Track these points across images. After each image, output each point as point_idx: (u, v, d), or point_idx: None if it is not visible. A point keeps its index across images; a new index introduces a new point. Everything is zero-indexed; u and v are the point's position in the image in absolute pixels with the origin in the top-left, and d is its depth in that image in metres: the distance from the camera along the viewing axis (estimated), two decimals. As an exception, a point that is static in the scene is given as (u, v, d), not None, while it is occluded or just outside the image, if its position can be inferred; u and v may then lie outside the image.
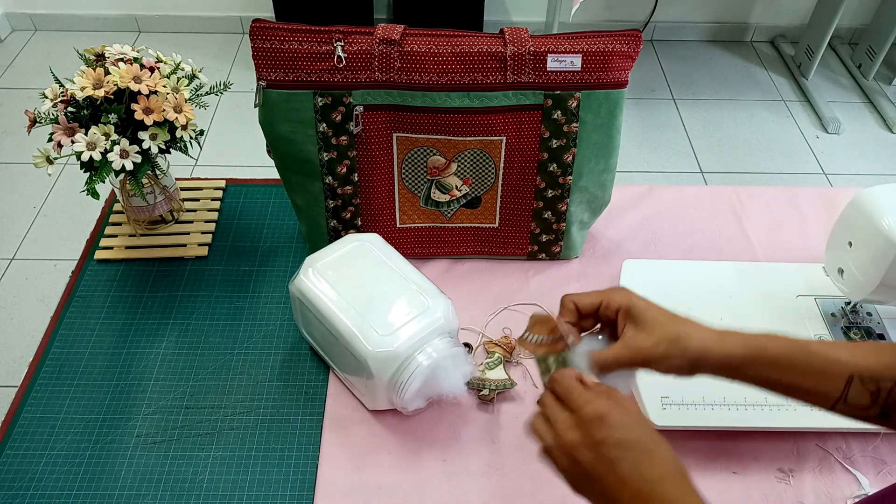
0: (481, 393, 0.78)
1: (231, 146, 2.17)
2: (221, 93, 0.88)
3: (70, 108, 0.79)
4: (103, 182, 0.78)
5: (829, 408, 0.54)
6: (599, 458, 0.48)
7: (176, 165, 0.94)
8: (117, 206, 0.98)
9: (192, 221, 0.97)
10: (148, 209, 0.92)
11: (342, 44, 0.75)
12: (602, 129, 0.81)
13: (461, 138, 0.81)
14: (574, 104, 0.79)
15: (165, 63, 0.83)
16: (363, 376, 0.71)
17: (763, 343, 0.54)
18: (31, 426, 0.76)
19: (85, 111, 0.78)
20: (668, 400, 0.74)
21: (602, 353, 0.56)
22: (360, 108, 0.78)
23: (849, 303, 0.85)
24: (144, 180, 0.86)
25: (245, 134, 2.20)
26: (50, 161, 0.78)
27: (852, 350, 0.54)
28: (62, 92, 0.79)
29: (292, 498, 0.71)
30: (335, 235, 0.88)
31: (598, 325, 0.60)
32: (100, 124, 0.77)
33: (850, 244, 0.80)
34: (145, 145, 0.79)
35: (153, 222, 0.95)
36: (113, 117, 0.77)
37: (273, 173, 0.91)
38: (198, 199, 1.00)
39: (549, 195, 0.86)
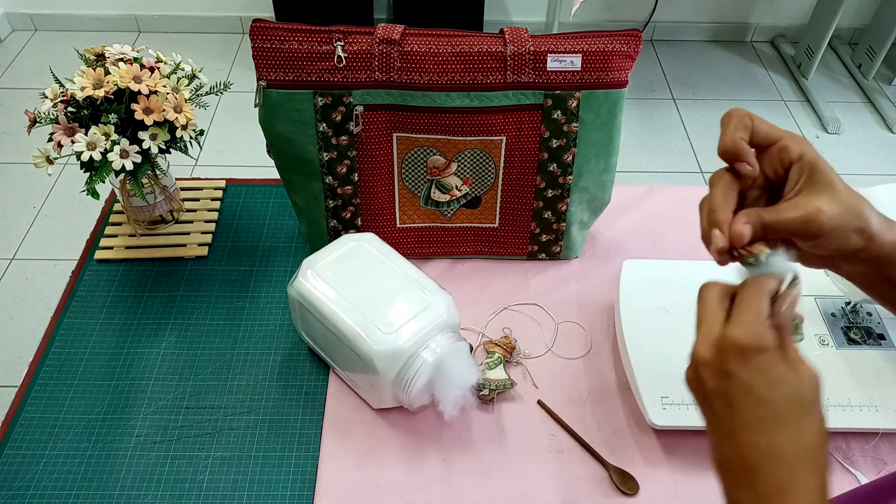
0: (481, 393, 0.78)
1: (231, 146, 2.17)
2: (221, 93, 0.88)
3: (70, 108, 0.79)
4: (103, 182, 0.78)
5: None
6: (723, 393, 0.42)
7: (176, 165, 0.94)
8: (117, 206, 0.98)
9: (192, 221, 0.97)
10: (148, 209, 0.92)
11: (342, 44, 0.75)
12: (602, 128, 0.81)
13: (461, 138, 0.81)
14: (574, 104, 0.79)
15: (165, 63, 0.83)
16: (368, 375, 0.71)
17: None
18: (31, 426, 0.76)
19: (85, 111, 0.78)
20: (668, 400, 0.74)
21: (769, 212, 0.45)
22: (360, 108, 0.78)
23: (849, 303, 0.85)
24: (144, 180, 0.86)
25: (245, 134, 2.21)
26: (50, 161, 0.78)
27: None
28: (62, 92, 0.79)
29: (292, 498, 0.71)
30: (335, 235, 0.88)
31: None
32: (100, 124, 0.77)
33: (850, 244, 0.80)
34: (145, 145, 0.79)
35: (153, 222, 0.95)
36: (113, 117, 0.77)
37: (273, 173, 0.91)
38: (198, 199, 1.00)
39: (549, 195, 0.86)
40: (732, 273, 0.47)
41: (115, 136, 0.77)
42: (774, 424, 0.41)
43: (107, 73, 0.78)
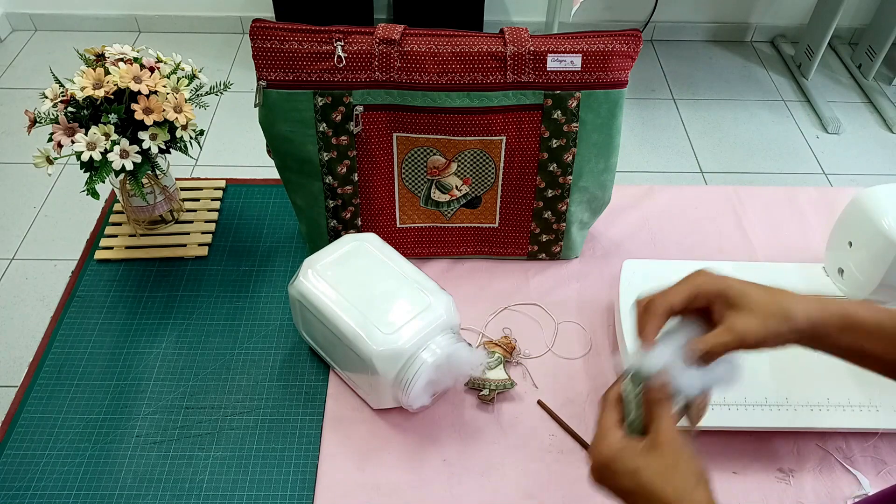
0: (481, 393, 0.78)
1: (231, 146, 2.17)
2: (221, 93, 0.88)
3: (70, 108, 0.79)
4: (103, 182, 0.78)
5: None
6: (619, 496, 0.50)
7: (176, 165, 0.94)
8: (117, 206, 0.98)
9: (192, 221, 0.97)
10: (148, 209, 0.92)
11: (342, 44, 0.75)
12: (602, 128, 0.81)
13: (461, 138, 0.81)
14: (574, 104, 0.79)
15: (165, 63, 0.83)
16: (368, 375, 0.71)
17: (856, 308, 0.53)
18: (31, 426, 0.76)
19: (85, 111, 0.78)
20: (668, 400, 0.74)
21: (706, 341, 0.53)
22: (360, 108, 0.78)
23: (849, 303, 0.85)
24: (144, 180, 0.86)
25: (245, 134, 2.21)
26: (50, 161, 0.78)
27: None
28: (62, 92, 0.79)
29: (292, 498, 0.71)
30: (335, 235, 0.88)
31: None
32: (100, 124, 0.77)
33: (850, 244, 0.80)
34: (145, 145, 0.79)
35: (153, 222, 0.95)
36: (113, 117, 0.77)
37: (273, 173, 0.91)
38: (198, 199, 1.00)
39: (549, 195, 0.86)
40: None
41: (115, 136, 0.77)
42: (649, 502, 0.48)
43: (107, 73, 0.78)
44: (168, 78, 0.81)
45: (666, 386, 0.52)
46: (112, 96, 0.78)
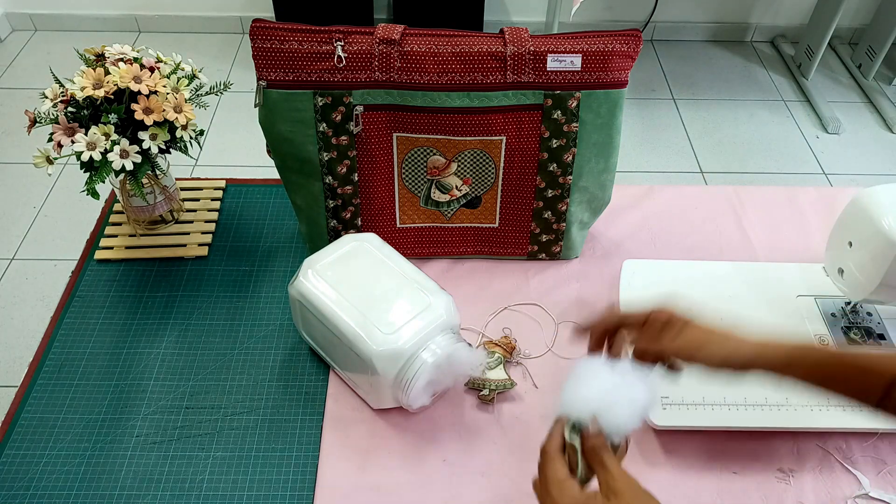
0: (481, 393, 0.78)
1: (231, 146, 2.17)
2: (221, 93, 0.88)
3: (70, 108, 0.79)
4: (103, 182, 0.78)
5: (874, 407, 0.55)
6: None
7: (176, 165, 0.94)
8: (117, 206, 0.98)
9: (192, 221, 0.97)
10: (148, 209, 0.92)
11: (342, 44, 0.75)
12: (602, 128, 0.81)
13: (461, 138, 0.81)
14: (574, 104, 0.79)
15: (165, 63, 0.83)
16: (368, 375, 0.71)
17: (804, 352, 0.56)
18: (31, 426, 0.76)
19: (85, 111, 0.78)
20: (667, 400, 0.74)
21: (647, 340, 0.59)
22: (360, 108, 0.78)
23: (849, 303, 0.85)
24: (144, 180, 0.86)
25: (245, 134, 2.21)
26: (50, 161, 0.78)
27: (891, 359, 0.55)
28: (62, 92, 0.79)
29: (292, 498, 0.71)
30: (335, 235, 0.88)
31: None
32: (100, 124, 0.77)
33: (850, 244, 0.80)
34: (145, 145, 0.79)
35: (153, 222, 0.95)
36: (113, 117, 0.77)
37: (273, 173, 0.91)
38: (198, 199, 1.00)
39: (549, 195, 0.86)
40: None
41: (115, 136, 0.77)
42: None
43: (107, 73, 0.78)
44: (168, 78, 0.81)
45: (601, 434, 0.55)
46: (112, 96, 0.78)
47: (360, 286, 0.74)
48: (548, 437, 0.58)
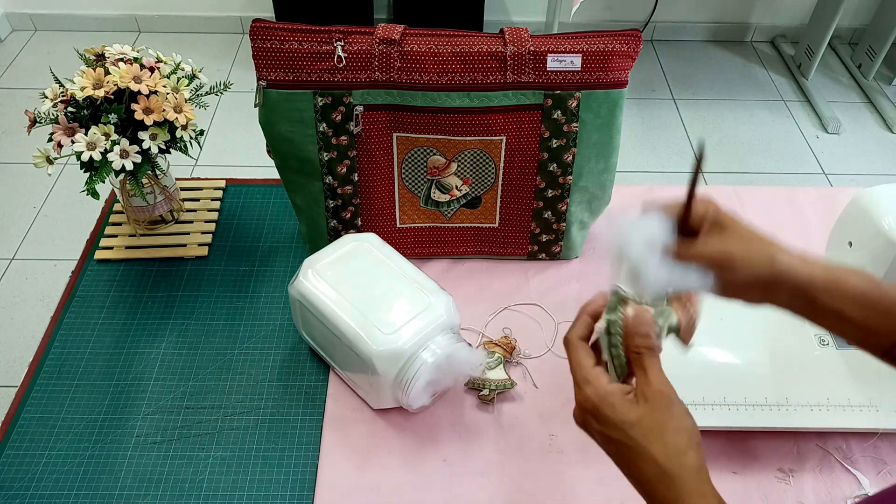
0: (481, 393, 0.78)
1: (231, 146, 2.17)
2: (221, 93, 0.88)
3: (70, 108, 0.79)
4: (103, 182, 0.78)
5: (884, 352, 0.53)
6: (600, 444, 0.50)
7: (176, 165, 0.94)
8: (117, 206, 0.98)
9: (192, 221, 0.97)
10: (148, 209, 0.92)
11: (342, 44, 0.75)
12: (602, 128, 0.81)
13: (461, 138, 0.81)
14: (574, 104, 0.79)
15: (165, 63, 0.83)
16: (368, 375, 0.71)
17: (842, 273, 0.53)
18: (31, 426, 0.76)
19: (85, 111, 0.78)
20: (668, 400, 0.74)
21: (691, 245, 0.52)
22: (360, 108, 0.78)
23: (849, 303, 0.84)
24: (144, 180, 0.86)
25: (245, 134, 2.21)
26: (50, 161, 0.78)
27: None
28: (62, 92, 0.79)
29: (292, 498, 0.71)
30: (335, 235, 0.88)
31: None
32: (100, 124, 0.77)
33: (850, 244, 0.80)
34: (145, 145, 0.79)
35: (153, 222, 0.95)
36: (113, 117, 0.77)
37: (273, 173, 0.91)
38: (198, 199, 1.00)
39: (549, 195, 0.86)
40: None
41: (115, 136, 0.77)
42: (639, 457, 0.48)
43: (107, 73, 0.78)
44: (168, 78, 0.81)
45: (650, 335, 0.50)
46: (112, 96, 0.78)
47: (360, 286, 0.74)
48: (571, 325, 0.54)
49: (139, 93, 0.77)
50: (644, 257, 0.51)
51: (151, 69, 0.80)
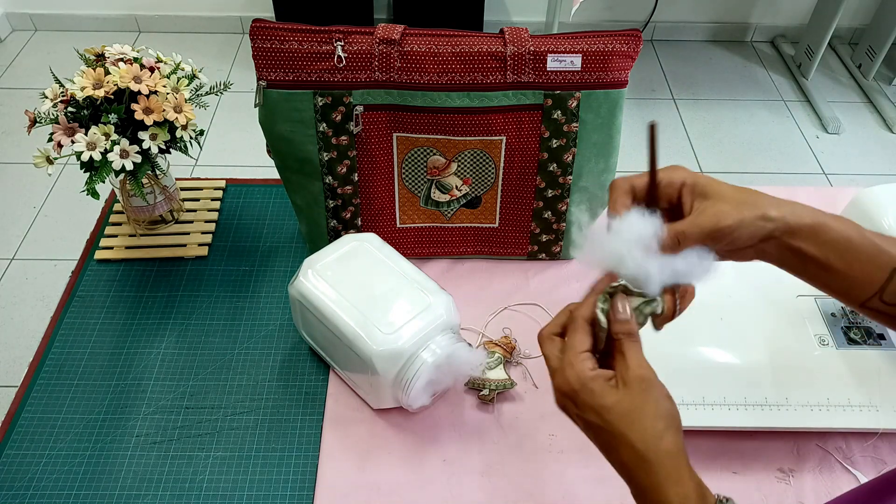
0: (481, 393, 0.78)
1: (231, 146, 2.17)
2: (221, 93, 0.88)
3: (70, 108, 0.79)
4: (103, 182, 0.78)
5: (862, 303, 0.52)
6: (581, 428, 0.49)
7: (176, 165, 0.94)
8: (117, 206, 0.98)
9: (192, 221, 0.97)
10: (148, 209, 0.92)
11: (342, 44, 0.75)
12: (602, 128, 0.81)
13: (461, 138, 0.81)
14: (574, 104, 0.79)
15: (165, 63, 0.83)
16: (368, 375, 0.71)
17: (827, 219, 0.52)
18: (31, 426, 0.76)
19: (85, 111, 0.78)
20: (668, 400, 0.74)
21: (678, 225, 0.50)
22: (360, 108, 0.78)
23: (849, 303, 0.85)
24: (144, 180, 0.86)
25: (245, 134, 2.21)
26: (50, 161, 0.78)
27: None
28: (62, 92, 0.79)
29: (292, 498, 0.71)
30: (335, 235, 0.88)
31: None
32: (100, 124, 0.77)
33: (850, 244, 0.80)
34: (145, 145, 0.79)
35: (153, 222, 0.95)
36: (113, 117, 0.77)
37: (273, 173, 0.91)
38: (198, 199, 1.00)
39: (549, 195, 0.86)
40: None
41: (115, 136, 0.77)
42: (616, 441, 0.47)
43: (107, 73, 0.78)
44: (168, 78, 0.81)
45: (629, 321, 0.50)
46: (112, 96, 0.78)
47: (360, 286, 0.74)
48: (581, 302, 0.52)
49: (139, 93, 0.77)
50: (642, 263, 0.50)
51: (151, 69, 0.80)
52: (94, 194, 0.77)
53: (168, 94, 0.79)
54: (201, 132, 0.84)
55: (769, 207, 0.51)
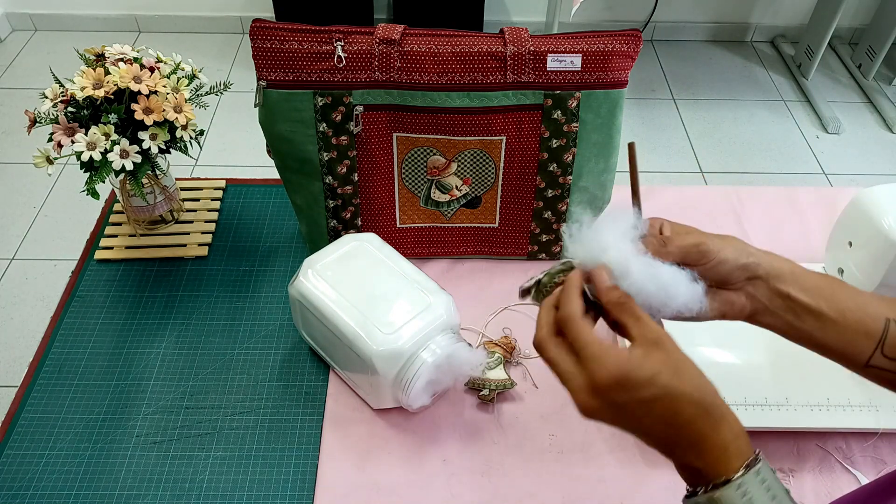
0: (481, 393, 0.78)
1: (231, 146, 2.17)
2: (221, 93, 0.88)
3: (70, 108, 0.79)
4: (103, 182, 0.78)
5: (866, 363, 0.52)
6: (626, 418, 0.47)
7: (176, 165, 0.94)
8: (117, 206, 0.98)
9: (192, 221, 0.97)
10: (148, 209, 0.92)
11: (342, 44, 0.75)
12: (602, 128, 0.81)
13: (461, 138, 0.81)
14: (574, 104, 0.79)
15: (165, 63, 0.83)
16: (368, 375, 0.71)
17: (803, 268, 0.54)
18: (31, 426, 0.76)
19: (85, 111, 0.78)
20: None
21: (668, 239, 0.52)
22: (360, 108, 0.78)
23: (849, 303, 0.84)
24: (144, 180, 0.86)
25: (245, 134, 2.21)
26: (50, 161, 0.78)
27: (889, 302, 0.52)
28: (62, 92, 0.79)
29: (292, 498, 0.71)
30: (335, 235, 0.88)
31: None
32: (100, 124, 0.77)
33: (850, 244, 0.80)
34: (145, 145, 0.79)
35: (153, 222, 0.95)
36: (113, 117, 0.77)
37: (273, 173, 0.91)
38: (198, 199, 1.00)
39: (550, 195, 0.86)
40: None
41: (115, 136, 0.77)
42: (675, 403, 0.46)
43: (107, 73, 0.78)
44: (168, 78, 0.81)
45: (617, 287, 0.49)
46: (112, 96, 0.78)
47: (360, 286, 0.74)
48: (564, 301, 0.52)
49: (139, 93, 0.77)
50: (625, 253, 0.51)
51: (151, 69, 0.80)
52: (94, 194, 0.77)
53: (168, 94, 0.79)
54: (201, 132, 0.84)
55: (750, 247, 0.54)
